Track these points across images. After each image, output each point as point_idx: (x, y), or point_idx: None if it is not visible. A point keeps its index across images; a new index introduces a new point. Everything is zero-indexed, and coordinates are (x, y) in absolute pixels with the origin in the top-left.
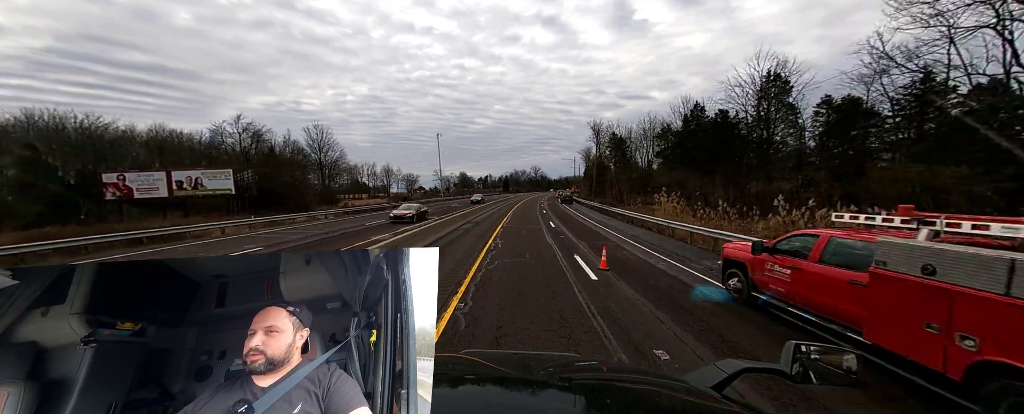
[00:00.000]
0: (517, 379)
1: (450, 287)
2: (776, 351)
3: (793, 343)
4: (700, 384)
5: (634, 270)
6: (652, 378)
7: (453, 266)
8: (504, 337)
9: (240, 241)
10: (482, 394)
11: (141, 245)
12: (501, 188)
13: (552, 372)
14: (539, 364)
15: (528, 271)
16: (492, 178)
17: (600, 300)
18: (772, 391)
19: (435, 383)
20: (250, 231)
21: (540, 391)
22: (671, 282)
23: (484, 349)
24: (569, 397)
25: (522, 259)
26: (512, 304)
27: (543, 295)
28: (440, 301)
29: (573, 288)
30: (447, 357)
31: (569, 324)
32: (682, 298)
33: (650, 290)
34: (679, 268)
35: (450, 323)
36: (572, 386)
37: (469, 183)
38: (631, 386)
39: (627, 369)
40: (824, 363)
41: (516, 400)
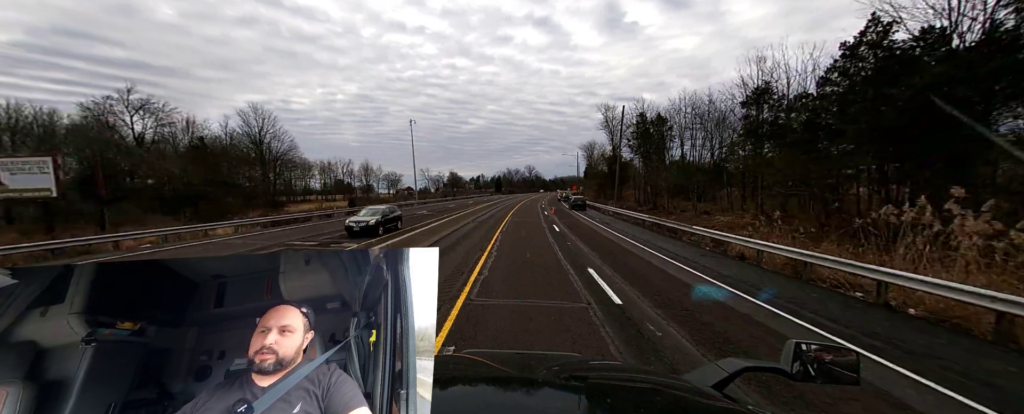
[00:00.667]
0: (518, 379)
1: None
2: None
3: (794, 342)
4: (701, 383)
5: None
6: (653, 377)
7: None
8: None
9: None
10: (483, 394)
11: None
12: (493, 188)
13: (553, 372)
14: (540, 364)
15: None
16: (485, 178)
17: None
18: (772, 391)
19: (435, 383)
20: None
21: (541, 391)
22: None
23: (484, 349)
24: (570, 397)
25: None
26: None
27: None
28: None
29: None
30: (447, 357)
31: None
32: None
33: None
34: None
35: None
36: (573, 386)
37: (459, 183)
38: (632, 385)
39: (628, 368)
40: (825, 362)
41: (517, 400)
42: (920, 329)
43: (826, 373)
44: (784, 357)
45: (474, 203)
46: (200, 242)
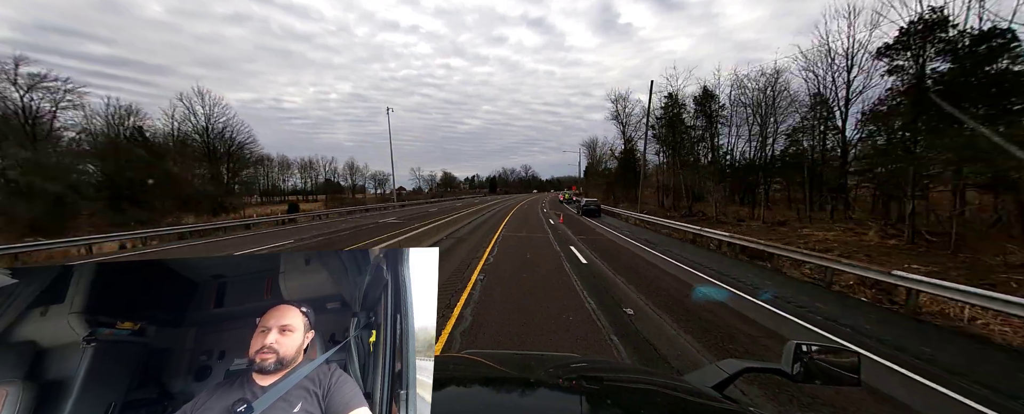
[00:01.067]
0: (517, 379)
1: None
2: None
3: (794, 343)
4: (701, 384)
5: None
6: (653, 378)
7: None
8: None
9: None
10: (482, 394)
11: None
12: (487, 189)
13: (552, 372)
14: (539, 364)
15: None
16: (480, 178)
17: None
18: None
19: (435, 383)
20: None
21: (540, 391)
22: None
23: (484, 349)
24: (569, 397)
25: None
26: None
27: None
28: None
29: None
30: (447, 357)
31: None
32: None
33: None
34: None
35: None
36: (573, 386)
37: (453, 183)
38: (632, 386)
39: (628, 369)
40: (825, 363)
41: (516, 400)
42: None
43: (827, 374)
44: (785, 358)
45: (463, 206)
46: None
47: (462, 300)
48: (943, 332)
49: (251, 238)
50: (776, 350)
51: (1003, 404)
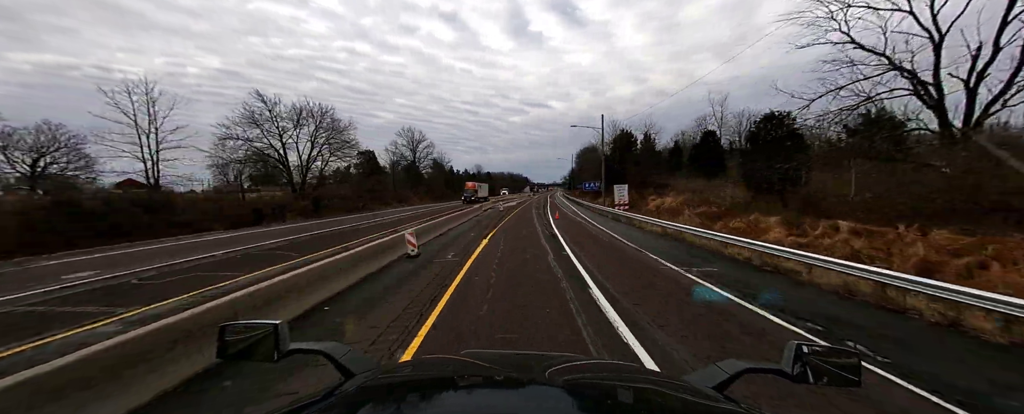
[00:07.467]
0: (516, 379)
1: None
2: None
3: (794, 343)
4: (701, 384)
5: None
6: (653, 378)
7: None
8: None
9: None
10: (481, 394)
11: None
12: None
13: (552, 373)
14: (538, 364)
15: None
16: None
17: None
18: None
19: (434, 383)
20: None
21: (539, 391)
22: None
23: (483, 349)
24: (569, 398)
25: None
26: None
27: None
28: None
29: None
30: (447, 357)
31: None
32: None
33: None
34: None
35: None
36: (572, 387)
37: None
38: (632, 386)
39: (628, 369)
40: (825, 363)
41: (515, 400)
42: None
43: (827, 374)
44: (785, 358)
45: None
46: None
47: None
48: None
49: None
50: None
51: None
